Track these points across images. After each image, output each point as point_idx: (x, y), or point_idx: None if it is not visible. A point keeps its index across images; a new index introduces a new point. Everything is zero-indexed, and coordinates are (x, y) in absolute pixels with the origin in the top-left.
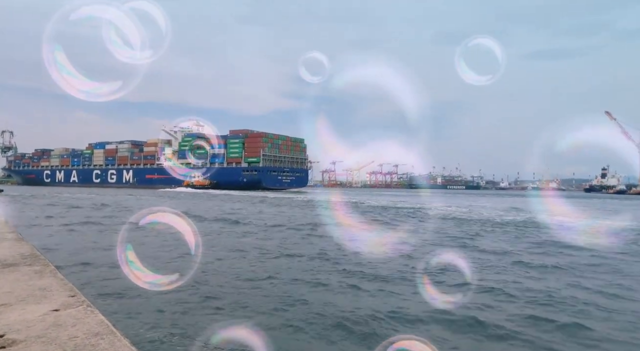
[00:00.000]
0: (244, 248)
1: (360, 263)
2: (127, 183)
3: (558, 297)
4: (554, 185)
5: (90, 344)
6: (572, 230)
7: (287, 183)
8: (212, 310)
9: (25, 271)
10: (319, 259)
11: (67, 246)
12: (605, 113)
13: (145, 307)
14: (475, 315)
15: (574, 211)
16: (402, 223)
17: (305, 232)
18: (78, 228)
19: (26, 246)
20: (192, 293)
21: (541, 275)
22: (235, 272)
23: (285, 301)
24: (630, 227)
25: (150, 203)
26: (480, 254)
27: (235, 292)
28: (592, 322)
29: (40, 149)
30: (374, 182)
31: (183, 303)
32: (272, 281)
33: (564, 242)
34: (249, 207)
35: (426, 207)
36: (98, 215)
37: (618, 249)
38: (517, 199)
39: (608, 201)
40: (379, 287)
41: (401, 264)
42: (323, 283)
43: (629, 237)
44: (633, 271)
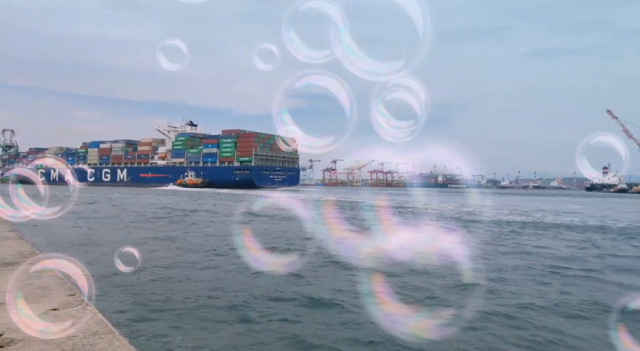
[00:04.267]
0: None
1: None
2: (122, 181)
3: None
4: (555, 183)
5: (89, 343)
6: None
7: (279, 182)
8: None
9: (25, 270)
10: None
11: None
12: (607, 112)
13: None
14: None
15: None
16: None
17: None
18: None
19: (26, 245)
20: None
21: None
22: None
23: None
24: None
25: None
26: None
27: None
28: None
29: (35, 148)
30: (375, 181)
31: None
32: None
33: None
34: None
35: (476, 212)
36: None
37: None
38: (549, 198)
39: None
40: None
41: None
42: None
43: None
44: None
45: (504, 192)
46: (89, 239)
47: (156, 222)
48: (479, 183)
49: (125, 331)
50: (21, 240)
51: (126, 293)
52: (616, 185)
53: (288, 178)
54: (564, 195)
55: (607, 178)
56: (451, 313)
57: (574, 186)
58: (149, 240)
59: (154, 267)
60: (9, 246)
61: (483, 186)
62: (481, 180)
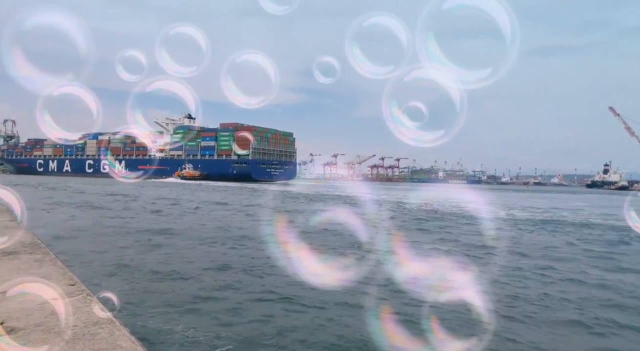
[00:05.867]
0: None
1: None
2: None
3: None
4: (556, 180)
5: (90, 333)
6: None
7: (276, 175)
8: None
9: (26, 260)
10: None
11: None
12: (609, 109)
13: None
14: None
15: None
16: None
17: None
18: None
19: (27, 234)
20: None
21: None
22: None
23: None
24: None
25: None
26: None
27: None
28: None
29: (34, 139)
30: (375, 176)
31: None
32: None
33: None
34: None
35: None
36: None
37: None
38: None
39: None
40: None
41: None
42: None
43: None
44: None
45: (504, 188)
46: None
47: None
48: (479, 179)
49: (126, 321)
50: (22, 230)
51: (128, 283)
52: (617, 183)
53: (285, 172)
54: (567, 192)
55: (608, 175)
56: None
57: (574, 183)
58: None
59: (160, 259)
60: (10, 235)
61: (483, 182)
62: (482, 176)
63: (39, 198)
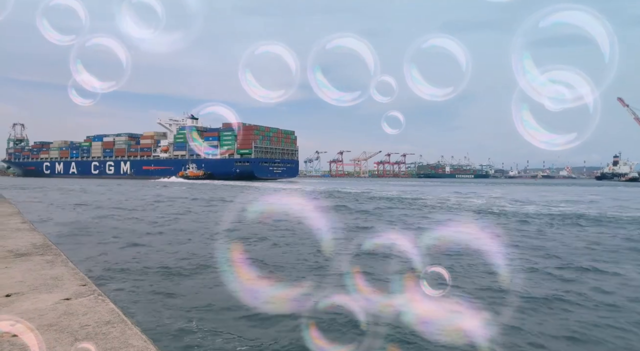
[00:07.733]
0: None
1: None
2: (125, 174)
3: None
4: (565, 172)
5: (102, 332)
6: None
7: (278, 173)
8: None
9: (37, 261)
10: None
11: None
12: (618, 99)
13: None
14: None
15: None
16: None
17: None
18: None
19: (38, 236)
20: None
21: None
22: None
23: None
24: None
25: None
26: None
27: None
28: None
29: (40, 142)
30: (382, 172)
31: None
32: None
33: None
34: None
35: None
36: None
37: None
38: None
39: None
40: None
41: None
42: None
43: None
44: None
45: (512, 182)
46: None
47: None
48: (486, 173)
49: (138, 320)
50: (33, 231)
51: (140, 282)
52: (627, 174)
53: (287, 170)
54: (578, 185)
55: (617, 167)
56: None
57: (583, 175)
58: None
59: (169, 258)
60: (22, 237)
61: (491, 176)
62: (489, 170)
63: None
